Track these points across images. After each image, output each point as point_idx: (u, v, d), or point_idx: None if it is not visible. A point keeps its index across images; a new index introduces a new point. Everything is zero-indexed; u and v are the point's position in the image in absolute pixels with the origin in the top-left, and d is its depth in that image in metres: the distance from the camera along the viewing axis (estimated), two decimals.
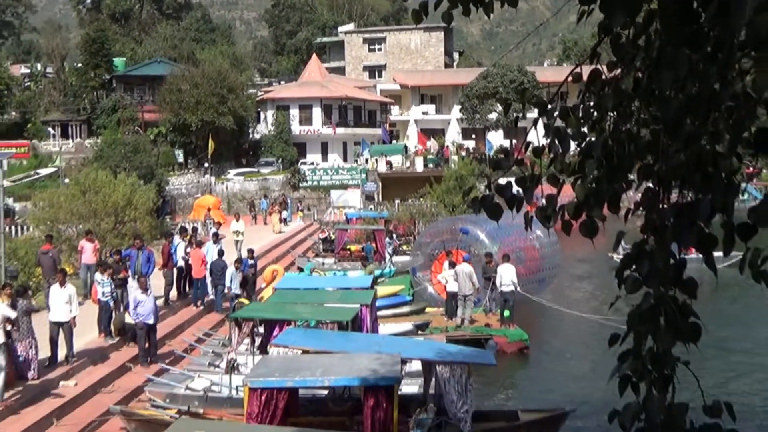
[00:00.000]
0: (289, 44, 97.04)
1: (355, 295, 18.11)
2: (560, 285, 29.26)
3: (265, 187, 52.94)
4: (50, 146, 55.15)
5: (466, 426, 12.89)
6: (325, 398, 14.40)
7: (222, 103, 54.30)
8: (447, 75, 76.78)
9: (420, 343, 16.57)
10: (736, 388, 16.80)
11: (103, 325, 18.07)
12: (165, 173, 49.23)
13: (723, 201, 3.10)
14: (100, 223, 26.16)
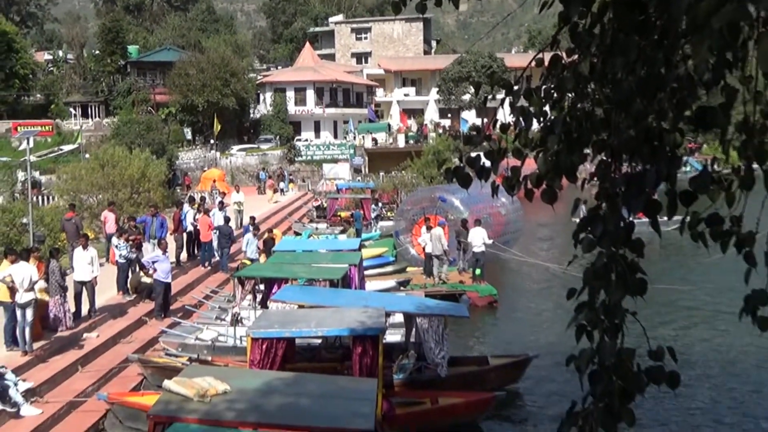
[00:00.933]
0: (285, 33, 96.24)
1: (344, 256, 18.13)
2: (525, 246, 29.36)
3: (264, 161, 52.76)
4: (72, 125, 54.49)
5: (442, 370, 13.00)
6: (318, 347, 14.48)
7: (225, 86, 54.05)
8: (426, 61, 76.34)
9: (402, 298, 16.66)
10: (678, 336, 17.00)
11: (120, 284, 18.06)
12: (175, 149, 48.87)
13: (667, 171, 3.11)
14: (117, 194, 26.02)
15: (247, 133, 60.53)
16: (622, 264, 3.09)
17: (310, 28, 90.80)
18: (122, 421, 11.83)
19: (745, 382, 14.19)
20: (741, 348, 15.93)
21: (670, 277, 23.63)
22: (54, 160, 39.71)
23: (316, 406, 8.19)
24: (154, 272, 17.12)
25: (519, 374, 13.85)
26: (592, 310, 3.12)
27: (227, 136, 56.26)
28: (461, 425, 12.19)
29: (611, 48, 3.34)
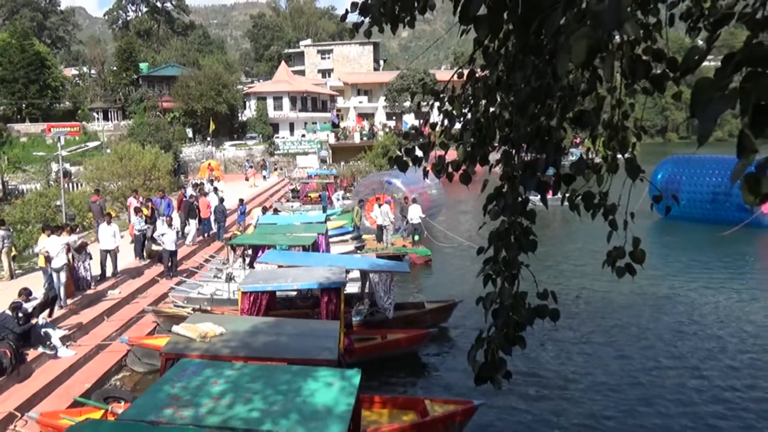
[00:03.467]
0: (265, 54, 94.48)
1: (313, 227, 18.05)
2: (448, 218, 29.70)
3: (250, 154, 52.00)
4: (95, 126, 52.93)
5: (390, 313, 13.10)
6: (294, 297, 14.44)
7: (218, 95, 53.19)
8: (375, 76, 75.69)
9: (358, 259, 16.68)
10: (560, 283, 17.42)
11: (137, 251, 17.68)
12: (179, 145, 47.81)
13: (554, 159, 3.16)
14: (133, 181, 25.40)
15: (237, 132, 59.47)
16: (519, 229, 3.15)
17: (285, 50, 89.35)
18: (140, 359, 11.67)
19: (610, 316, 14.63)
20: (606, 291, 16.39)
21: (556, 238, 24.20)
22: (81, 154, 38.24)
23: (293, 342, 8.19)
24: (163, 243, 16.81)
25: (447, 315, 14.06)
26: (496, 264, 3.18)
27: (221, 134, 55.21)
28: (404, 354, 12.34)
29: (513, 65, 3.36)
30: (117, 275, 15.77)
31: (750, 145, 1.56)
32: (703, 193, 27.01)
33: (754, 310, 14.95)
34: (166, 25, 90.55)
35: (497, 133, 3.50)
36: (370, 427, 8.56)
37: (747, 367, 11.56)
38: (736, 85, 1.64)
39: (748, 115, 1.55)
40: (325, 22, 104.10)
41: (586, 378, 11.16)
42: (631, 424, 9.42)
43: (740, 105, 1.55)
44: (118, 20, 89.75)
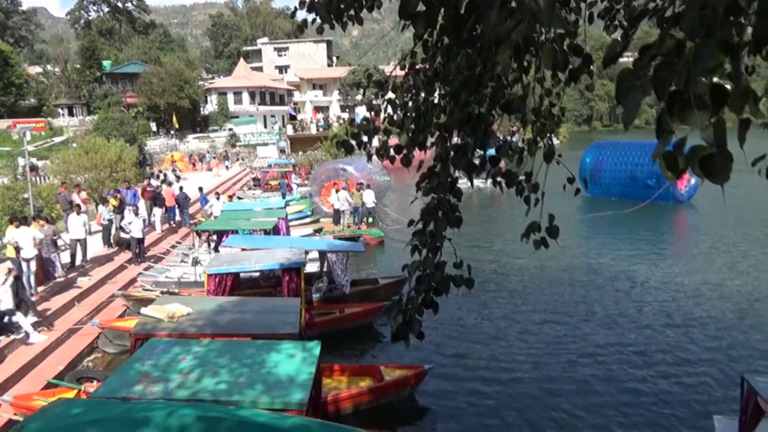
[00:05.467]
0: (224, 51, 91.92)
1: (274, 212, 17.85)
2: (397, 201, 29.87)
3: (213, 146, 50.77)
4: (61, 122, 50.58)
5: (346, 289, 13.13)
6: (257, 278, 14.27)
7: (180, 90, 51.51)
8: (329, 71, 74.63)
9: (317, 240, 16.61)
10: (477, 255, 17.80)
11: (105, 239, 17.11)
12: (143, 138, 46.21)
13: (483, 142, 3.20)
14: (99, 173, 24.45)
15: (199, 125, 57.83)
16: (447, 205, 3.19)
17: (243, 48, 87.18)
18: (111, 341, 11.34)
19: (528, 284, 15.08)
20: (524, 263, 16.85)
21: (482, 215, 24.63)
22: (48, 149, 36.70)
23: (256, 319, 8.12)
24: (130, 231, 16.30)
25: (400, 289, 14.15)
26: (423, 236, 3.21)
27: (184, 127, 53.53)
28: (361, 326, 12.41)
29: (447, 57, 3.38)
30: (87, 263, 15.22)
31: (667, 126, 1.61)
32: (623, 173, 27.98)
33: (669, 276, 15.64)
34: (127, 25, 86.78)
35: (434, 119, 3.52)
36: (331, 393, 8.60)
37: (664, 326, 12.12)
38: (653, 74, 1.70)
39: (665, 99, 1.60)
40: (281, 21, 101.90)
41: (516, 344, 11.49)
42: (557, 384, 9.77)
43: (657, 92, 1.60)
44: (80, 20, 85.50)
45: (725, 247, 18.53)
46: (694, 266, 16.63)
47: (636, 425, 8.29)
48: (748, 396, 5.79)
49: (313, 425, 4.67)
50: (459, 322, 12.42)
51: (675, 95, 1.58)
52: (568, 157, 3.90)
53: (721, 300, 13.53)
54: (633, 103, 1.59)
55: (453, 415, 8.77)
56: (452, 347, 11.18)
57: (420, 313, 3.26)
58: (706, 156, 1.50)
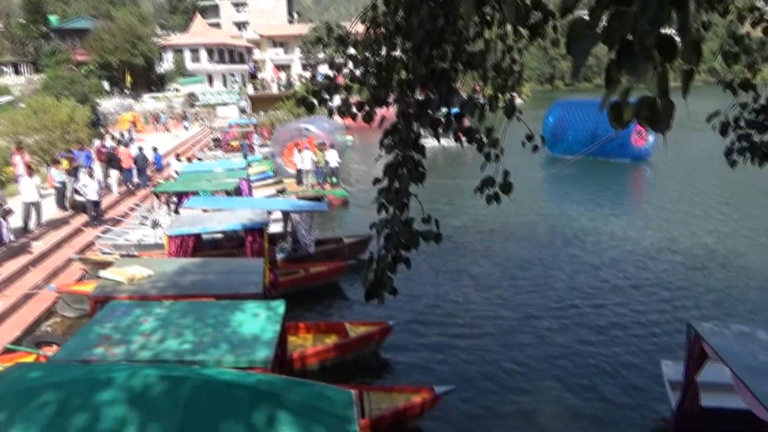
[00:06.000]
0: (180, 6, 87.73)
1: (235, 173, 17.57)
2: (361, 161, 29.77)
3: (170, 106, 49.06)
4: (6, 81, 47.88)
5: (311, 249, 13.14)
6: (220, 239, 14.12)
7: (134, 47, 49.21)
8: (290, 28, 72.49)
9: (280, 201, 16.48)
10: (441, 213, 18.06)
11: (59, 202, 16.54)
12: (96, 98, 44.25)
13: (446, 99, 3.19)
14: (50, 134, 23.42)
15: (155, 84, 55.65)
16: (411, 162, 3.19)
17: (200, 2, 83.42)
18: (70, 305, 11.11)
19: (490, 241, 15.43)
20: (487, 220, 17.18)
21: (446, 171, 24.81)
22: None
23: (220, 279, 8.07)
24: (86, 194, 15.79)
25: (364, 248, 14.27)
26: (389, 193, 3.22)
27: (139, 87, 51.42)
28: (326, 285, 12.50)
29: (409, 10, 3.32)
30: (41, 226, 14.73)
31: (616, 76, 1.62)
32: (585, 132, 28.46)
33: (625, 230, 16.19)
34: None
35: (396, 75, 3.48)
36: (297, 350, 8.70)
37: (618, 279, 12.61)
38: None
39: (614, 49, 1.61)
40: None
41: (477, 299, 11.80)
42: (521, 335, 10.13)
43: (606, 41, 1.61)
44: None
45: (680, 204, 19.22)
46: (649, 221, 17.25)
47: (589, 373, 8.70)
48: (694, 341, 6.14)
49: (278, 381, 4.73)
50: (422, 280, 12.64)
51: (625, 46, 1.60)
52: (531, 116, 3.94)
53: (673, 253, 14.12)
54: (581, 51, 1.60)
55: (416, 368, 9.02)
56: (416, 304, 11.40)
57: (392, 270, 3.29)
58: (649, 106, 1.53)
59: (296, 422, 4.10)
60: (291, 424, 4.07)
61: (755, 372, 5.06)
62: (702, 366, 6.12)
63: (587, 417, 7.62)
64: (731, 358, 5.37)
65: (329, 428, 4.21)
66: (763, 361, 5.30)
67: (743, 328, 6.07)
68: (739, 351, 5.51)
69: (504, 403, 7.98)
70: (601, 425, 7.43)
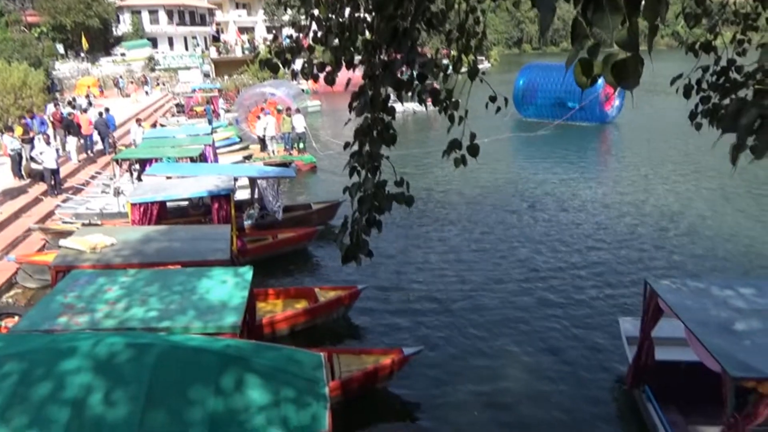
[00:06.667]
0: None
1: (199, 139, 17.18)
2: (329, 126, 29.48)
3: (129, 70, 47.25)
4: None
5: (279, 215, 13.07)
6: (185, 207, 13.89)
7: (88, 8, 46.81)
8: None
9: (246, 167, 16.26)
10: (411, 178, 18.15)
11: (15, 171, 15.95)
12: (50, 62, 42.28)
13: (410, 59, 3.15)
14: (2, 100, 22.35)
15: (113, 47, 53.36)
16: (381, 124, 3.16)
17: None
18: (31, 275, 10.85)
19: (458, 204, 15.60)
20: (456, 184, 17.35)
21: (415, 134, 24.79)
22: None
23: (186, 246, 7.97)
24: (42, 162, 15.25)
25: (333, 213, 14.25)
26: (361, 156, 3.20)
27: (95, 50, 49.28)
28: (295, 251, 12.48)
29: None
30: None
31: (582, 31, 1.61)
32: (554, 95, 28.64)
33: (590, 193, 16.53)
34: None
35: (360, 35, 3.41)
36: (266, 316, 8.72)
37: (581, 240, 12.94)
38: None
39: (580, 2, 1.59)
40: None
41: (445, 262, 11.98)
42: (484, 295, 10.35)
43: None
44: None
45: (643, 166, 19.67)
46: (613, 184, 17.63)
47: (551, 332, 8.99)
48: (650, 298, 6.38)
49: (246, 346, 4.75)
50: (391, 244, 12.73)
51: None
52: (499, 80, 3.95)
53: (634, 215, 14.51)
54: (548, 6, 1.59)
55: (385, 331, 9.16)
56: (384, 268, 11.51)
57: (367, 233, 3.29)
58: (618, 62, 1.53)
59: (266, 385, 4.14)
60: (260, 388, 4.11)
61: (707, 326, 5.30)
62: (657, 321, 6.38)
63: (549, 374, 7.90)
64: (685, 313, 5.61)
65: (299, 390, 4.26)
66: (715, 315, 5.55)
67: (698, 285, 6.32)
68: (692, 306, 5.75)
69: (470, 363, 8.21)
70: (562, 382, 7.73)
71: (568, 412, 7.11)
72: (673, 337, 6.65)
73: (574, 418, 7.01)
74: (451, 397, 7.44)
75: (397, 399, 7.48)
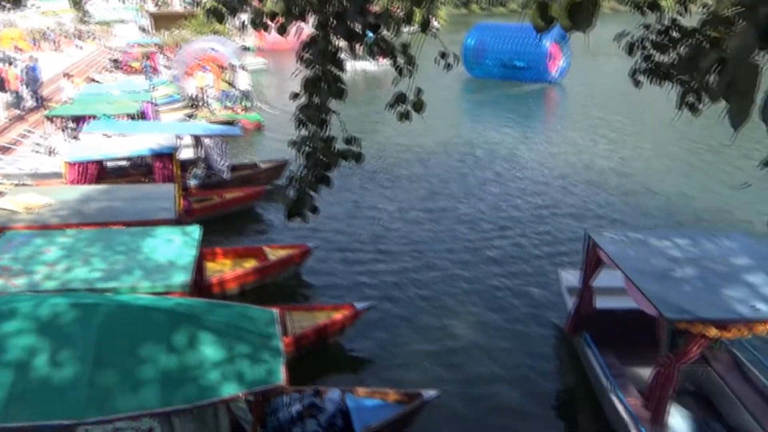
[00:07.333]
0: None
1: (138, 95, 16.37)
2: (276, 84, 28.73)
3: (60, 23, 44.09)
4: None
5: (225, 174, 12.76)
6: (126, 167, 13.31)
7: None
8: None
9: (189, 125, 15.71)
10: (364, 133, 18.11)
11: None
12: None
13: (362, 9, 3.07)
14: None
15: None
16: (330, 76, 3.09)
17: None
18: None
19: (407, 162, 15.71)
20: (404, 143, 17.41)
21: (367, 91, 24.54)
22: None
23: (128, 206, 7.68)
24: None
25: (281, 172, 14.00)
26: (309, 109, 3.13)
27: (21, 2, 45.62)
28: (243, 210, 12.26)
29: None
30: None
31: None
32: (504, 55, 28.79)
33: (535, 151, 16.92)
34: None
35: None
36: (215, 275, 8.59)
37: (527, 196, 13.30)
38: None
39: None
40: None
41: (393, 219, 12.09)
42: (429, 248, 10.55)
43: None
44: None
45: (587, 127, 20.21)
46: (557, 142, 18.11)
47: (496, 285, 9.30)
48: (591, 250, 6.67)
49: (197, 304, 4.68)
50: (342, 203, 12.70)
51: None
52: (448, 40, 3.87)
53: (576, 172, 14.99)
54: None
55: (337, 288, 9.23)
56: (335, 226, 11.50)
57: (314, 189, 3.24)
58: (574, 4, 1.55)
59: (219, 342, 4.10)
60: (214, 344, 4.07)
61: (644, 274, 5.61)
62: (597, 272, 6.69)
63: (495, 325, 8.21)
64: (624, 263, 5.90)
65: (254, 346, 4.25)
66: (652, 264, 5.87)
67: (636, 236, 6.65)
68: (631, 257, 6.06)
69: (419, 317, 8.41)
70: (507, 332, 8.05)
71: (513, 359, 7.44)
72: (611, 286, 7.00)
73: (518, 364, 7.34)
74: (401, 350, 7.62)
75: (349, 353, 7.61)
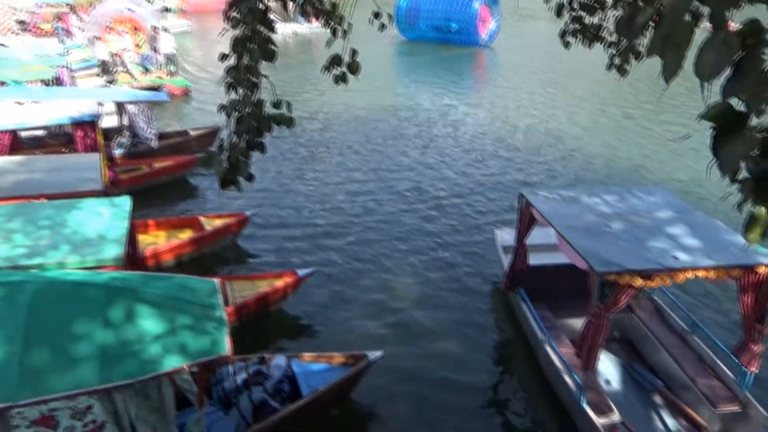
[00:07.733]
0: None
1: (51, 59, 15.20)
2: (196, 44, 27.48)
3: None
4: None
5: (153, 143, 12.20)
6: (43, 136, 12.44)
7: None
8: None
9: (111, 91, 14.77)
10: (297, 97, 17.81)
11: None
12: None
13: None
14: None
15: None
16: (260, 36, 2.98)
17: None
18: None
19: (340, 125, 15.63)
20: (337, 106, 17.27)
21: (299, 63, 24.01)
22: None
23: (49, 178, 7.22)
24: None
25: (212, 140, 13.52)
26: (238, 72, 3.01)
27: None
28: (174, 180, 11.81)
29: None
30: None
31: None
32: (436, 18, 28.67)
33: (467, 112, 17.17)
34: None
35: None
36: (149, 248, 8.29)
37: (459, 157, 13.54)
38: None
39: None
40: None
41: (329, 183, 12.06)
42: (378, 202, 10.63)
43: None
44: None
45: (518, 89, 20.63)
46: (489, 104, 18.44)
47: (434, 245, 9.52)
48: (525, 208, 6.91)
49: (133, 277, 4.51)
50: (277, 170, 12.47)
51: None
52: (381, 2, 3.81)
53: (509, 132, 15.37)
54: None
55: (278, 255, 9.13)
56: (271, 193, 11.32)
57: (246, 155, 3.14)
58: None
59: (159, 315, 3.99)
60: (153, 317, 3.96)
61: (576, 230, 5.88)
62: (531, 230, 6.96)
63: (433, 284, 8.43)
64: (556, 221, 6.16)
65: (196, 317, 4.16)
66: (584, 220, 6.16)
67: (568, 194, 6.93)
68: (563, 214, 6.32)
69: (361, 280, 8.50)
70: (446, 291, 8.29)
71: (453, 316, 7.69)
72: (544, 243, 7.31)
73: (458, 321, 7.60)
74: (344, 314, 7.70)
75: (293, 320, 7.60)
